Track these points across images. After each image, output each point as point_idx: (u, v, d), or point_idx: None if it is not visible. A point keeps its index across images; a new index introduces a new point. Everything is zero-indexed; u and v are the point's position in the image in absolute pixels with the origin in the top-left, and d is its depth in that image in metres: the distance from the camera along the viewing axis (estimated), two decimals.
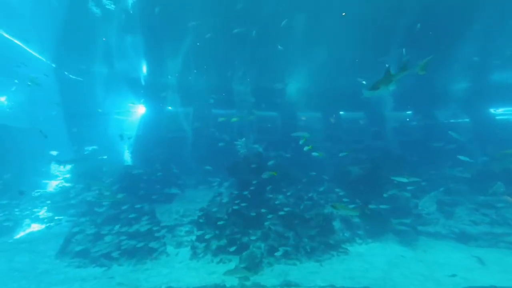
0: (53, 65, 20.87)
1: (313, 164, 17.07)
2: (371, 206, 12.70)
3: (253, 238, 10.68)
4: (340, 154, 12.29)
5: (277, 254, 10.00)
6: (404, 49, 15.54)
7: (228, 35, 14.81)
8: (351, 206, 12.40)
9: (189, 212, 14.23)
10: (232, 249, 10.17)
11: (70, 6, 13.91)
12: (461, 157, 10.61)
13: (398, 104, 23.80)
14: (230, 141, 16.98)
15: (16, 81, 21.89)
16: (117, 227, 11.17)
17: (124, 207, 12.18)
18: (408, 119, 28.35)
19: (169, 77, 21.00)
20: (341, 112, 27.94)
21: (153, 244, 10.75)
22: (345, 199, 13.73)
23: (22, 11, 14.32)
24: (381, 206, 12.32)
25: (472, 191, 14.40)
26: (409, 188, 13.49)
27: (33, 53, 18.11)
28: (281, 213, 11.20)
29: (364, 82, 16.66)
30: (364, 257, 10.51)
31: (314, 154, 10.96)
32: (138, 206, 12.49)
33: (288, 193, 12.83)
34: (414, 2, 12.76)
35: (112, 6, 13.69)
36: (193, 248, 10.85)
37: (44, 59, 19.87)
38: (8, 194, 15.82)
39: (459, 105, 23.58)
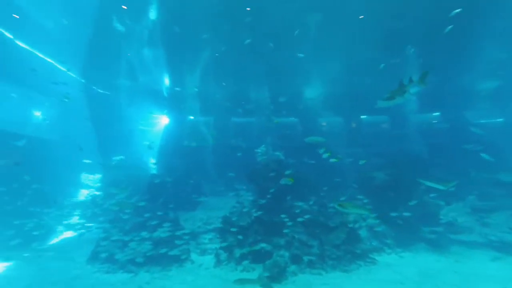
0: (82, 81, 22.17)
1: (335, 170, 16.69)
2: (393, 214, 12.05)
3: (276, 246, 10.55)
4: (360, 162, 11.93)
5: (300, 264, 9.81)
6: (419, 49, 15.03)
7: (244, 45, 15.00)
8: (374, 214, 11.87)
9: (212, 220, 14.41)
10: (255, 257, 10.12)
11: (96, 26, 14.81)
12: (485, 156, 10.00)
13: (424, 105, 22.80)
14: (251, 148, 17.02)
15: (53, 99, 23.45)
16: (143, 234, 11.48)
17: (146, 215, 12.52)
18: (435, 121, 27.05)
19: (196, 89, 21.50)
20: (363, 116, 27.22)
21: (178, 252, 10.94)
22: (368, 207, 13.22)
23: (58, 34, 15.50)
24: (404, 214, 11.66)
25: (510, 195, 13.44)
26: (435, 194, 12.73)
27: (65, 70, 19.33)
28: (300, 219, 10.93)
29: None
30: (393, 267, 10.09)
31: (332, 160, 10.74)
32: (160, 213, 12.79)
33: (311, 202, 12.54)
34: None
35: (133, 23, 14.44)
36: (217, 255, 10.92)
37: (74, 75, 21.15)
38: (42, 203, 16.73)
39: (490, 104, 22.30)
